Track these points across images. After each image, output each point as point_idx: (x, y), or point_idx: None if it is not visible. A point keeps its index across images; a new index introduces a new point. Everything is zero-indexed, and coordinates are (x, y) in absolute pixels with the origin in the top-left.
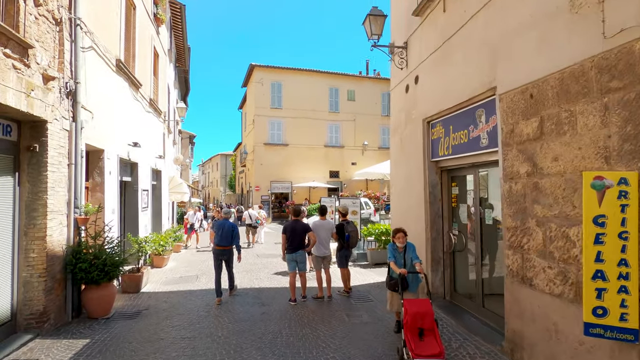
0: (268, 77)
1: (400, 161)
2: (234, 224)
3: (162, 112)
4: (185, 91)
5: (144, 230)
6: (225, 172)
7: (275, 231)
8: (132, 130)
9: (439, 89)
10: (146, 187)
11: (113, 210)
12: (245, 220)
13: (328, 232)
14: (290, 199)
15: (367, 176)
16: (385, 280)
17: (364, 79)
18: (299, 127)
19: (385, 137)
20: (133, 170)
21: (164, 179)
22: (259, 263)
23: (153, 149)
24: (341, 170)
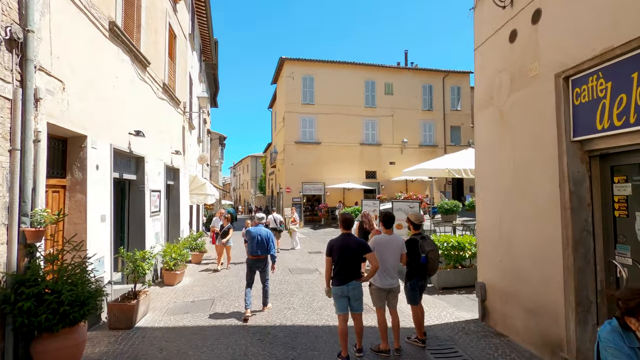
0: (299, 71)
1: (498, 146)
2: (269, 231)
3: (180, 102)
4: (214, 90)
5: (154, 240)
6: (256, 174)
7: (308, 237)
8: (135, 116)
9: (595, 16)
10: (157, 188)
11: (103, 218)
12: (269, 224)
13: (396, 253)
14: (323, 202)
15: (422, 174)
16: None
17: (402, 71)
18: (332, 124)
19: (426, 133)
20: (138, 167)
21: (183, 179)
22: (292, 282)
23: (168, 142)
24: (378, 171)
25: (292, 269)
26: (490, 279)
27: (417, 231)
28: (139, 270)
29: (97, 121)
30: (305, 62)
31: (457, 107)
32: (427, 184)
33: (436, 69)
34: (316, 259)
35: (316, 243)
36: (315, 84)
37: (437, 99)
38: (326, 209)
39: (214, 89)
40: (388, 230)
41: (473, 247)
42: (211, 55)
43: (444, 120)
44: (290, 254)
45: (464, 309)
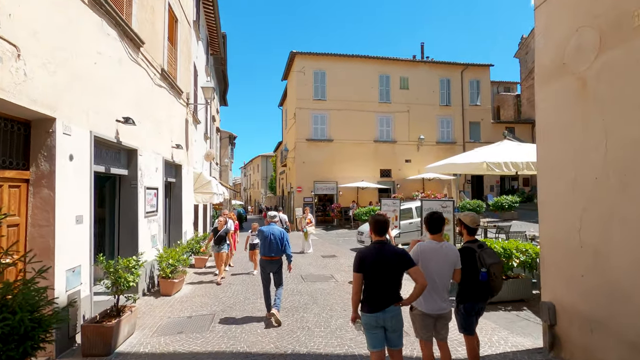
0: (310, 66)
1: (578, 125)
2: (283, 230)
3: (183, 92)
4: (223, 87)
5: (149, 244)
6: (266, 174)
7: (320, 238)
8: (126, 101)
9: None
10: (154, 185)
11: (79, 219)
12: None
13: (447, 267)
14: (336, 201)
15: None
16: None
17: (418, 64)
18: (345, 121)
19: (444, 130)
20: (130, 160)
21: (186, 176)
22: (305, 292)
23: (168, 135)
24: (393, 169)
25: (304, 276)
26: (562, 298)
27: (471, 237)
28: (121, 282)
29: (72, 102)
30: (316, 55)
31: (476, 102)
32: (445, 182)
33: (454, 62)
34: (330, 263)
35: (329, 246)
36: (327, 78)
37: (456, 93)
38: (339, 209)
39: (223, 86)
40: (436, 235)
41: (521, 254)
42: (219, 49)
43: (463, 116)
44: (302, 259)
45: (518, 332)
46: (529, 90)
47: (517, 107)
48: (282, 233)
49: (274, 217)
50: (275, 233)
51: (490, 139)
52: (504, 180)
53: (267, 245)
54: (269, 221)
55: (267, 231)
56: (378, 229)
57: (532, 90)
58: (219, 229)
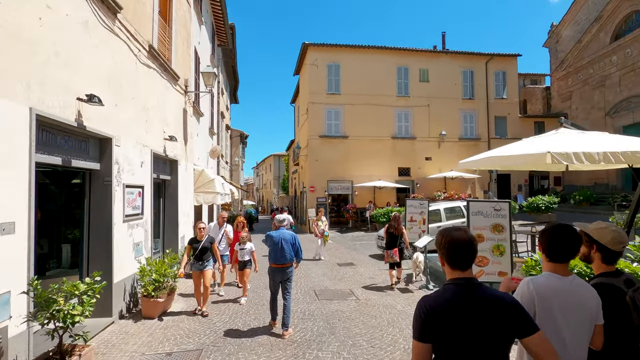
0: (323, 58)
1: None
2: (294, 234)
3: (179, 78)
4: (234, 84)
5: (131, 255)
6: (279, 174)
7: (335, 242)
8: (93, 76)
9: None
10: (138, 182)
11: (5, 228)
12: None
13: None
14: (351, 202)
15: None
16: None
17: (439, 55)
18: (361, 116)
19: (467, 125)
20: (103, 152)
21: (184, 173)
22: (319, 315)
23: (159, 125)
24: (412, 167)
25: (318, 292)
26: None
27: (610, 267)
28: (61, 317)
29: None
30: (330, 47)
31: (502, 95)
32: (469, 182)
33: (478, 52)
34: (348, 274)
35: (345, 251)
36: (342, 71)
37: (480, 86)
38: (354, 210)
39: (233, 82)
40: (560, 266)
41: None
42: (226, 40)
43: (488, 110)
44: (314, 267)
45: None
46: (560, 82)
47: (546, 100)
48: (293, 237)
49: (282, 221)
50: (286, 238)
51: (518, 135)
52: (532, 179)
53: (277, 252)
54: (277, 225)
55: (277, 236)
56: (460, 256)
57: (564, 82)
58: (200, 238)
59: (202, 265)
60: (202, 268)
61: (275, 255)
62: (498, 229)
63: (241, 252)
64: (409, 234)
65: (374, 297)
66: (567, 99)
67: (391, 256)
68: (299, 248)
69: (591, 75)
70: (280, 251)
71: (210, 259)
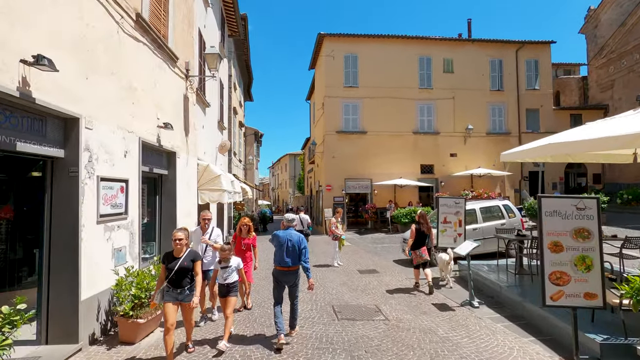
0: (340, 49)
1: None
2: (301, 235)
3: (178, 59)
4: (247, 80)
5: (110, 263)
6: (294, 173)
7: (353, 244)
8: (45, 34)
9: None
10: (121, 175)
11: None
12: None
13: None
14: (370, 201)
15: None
16: None
17: (465, 44)
18: (380, 110)
19: (495, 119)
20: (68, 135)
21: (184, 168)
22: (339, 344)
23: (151, 110)
24: (436, 164)
25: (337, 308)
26: None
27: None
28: None
29: None
30: (347, 37)
31: (534, 85)
32: (498, 180)
33: (507, 39)
34: (372, 283)
35: (366, 255)
36: (360, 63)
37: (509, 76)
38: (374, 209)
39: (247, 78)
40: None
41: None
42: (237, 30)
43: (518, 102)
44: (331, 274)
45: None
46: (599, 71)
47: (582, 91)
48: (300, 239)
49: (291, 220)
50: (293, 239)
51: (551, 129)
52: (567, 176)
53: (283, 254)
54: (286, 225)
55: (284, 237)
56: None
57: (604, 70)
58: (177, 255)
59: (182, 295)
60: (182, 299)
61: (280, 257)
62: (583, 234)
63: (223, 272)
64: (442, 237)
65: (407, 316)
66: (608, 89)
67: (420, 255)
68: (305, 251)
69: (637, 61)
70: (286, 253)
71: (193, 286)
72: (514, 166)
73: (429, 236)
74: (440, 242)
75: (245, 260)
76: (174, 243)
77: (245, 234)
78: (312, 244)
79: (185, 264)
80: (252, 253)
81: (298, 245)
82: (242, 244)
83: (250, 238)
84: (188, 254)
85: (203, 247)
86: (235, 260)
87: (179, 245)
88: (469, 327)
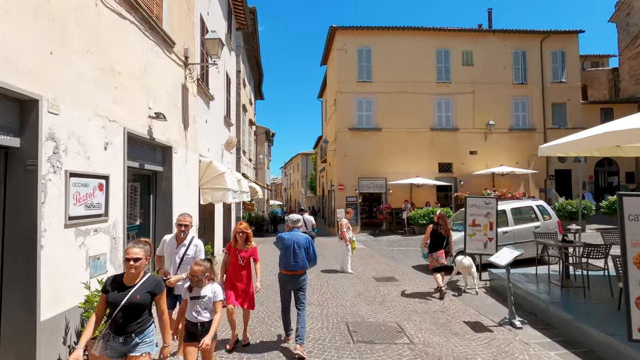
0: (353, 42)
1: None
2: (308, 237)
3: (174, 44)
4: (258, 78)
5: (84, 274)
6: (306, 173)
7: (368, 247)
8: None
9: None
10: (98, 171)
11: None
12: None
13: None
14: (385, 201)
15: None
16: None
17: (486, 35)
18: (395, 105)
19: (519, 114)
20: (24, 119)
21: (182, 164)
22: None
23: (141, 97)
24: (455, 162)
25: (352, 327)
26: None
27: None
28: None
29: None
30: (360, 30)
31: (560, 78)
32: (522, 179)
33: (531, 29)
34: (391, 294)
35: (382, 260)
36: (374, 56)
37: (533, 68)
38: (389, 210)
39: (257, 75)
40: None
41: None
42: (246, 23)
43: (543, 96)
44: (345, 282)
45: None
46: (632, 62)
47: (613, 84)
48: (307, 241)
49: (296, 221)
50: (299, 241)
51: (580, 124)
52: (597, 175)
53: (289, 257)
54: (291, 226)
55: (289, 239)
56: None
57: (637, 61)
58: (129, 282)
59: (127, 346)
60: (129, 351)
61: (286, 261)
62: None
63: (193, 304)
64: (470, 241)
65: (436, 338)
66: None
67: (436, 259)
68: (314, 254)
69: None
70: (292, 256)
71: (149, 332)
72: (538, 164)
73: (448, 240)
74: (468, 247)
75: (242, 280)
76: (126, 264)
77: (242, 245)
78: (322, 247)
79: (137, 299)
80: (250, 271)
81: (305, 247)
82: (238, 258)
83: (249, 249)
84: (145, 282)
85: (176, 261)
86: (210, 290)
87: (133, 269)
88: (514, 355)
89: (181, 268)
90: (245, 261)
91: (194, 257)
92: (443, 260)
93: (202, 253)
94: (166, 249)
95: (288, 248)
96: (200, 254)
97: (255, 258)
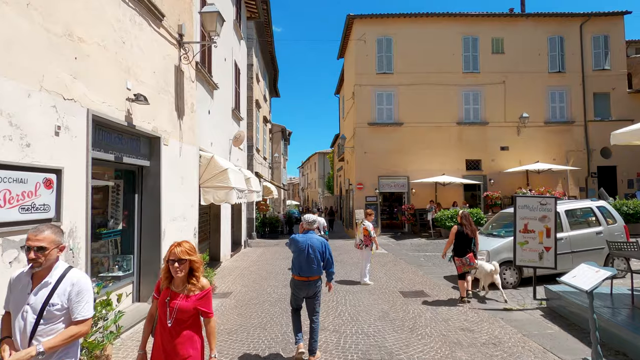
0: (372, 32)
1: None
2: (324, 240)
3: (164, 17)
4: (273, 74)
5: None
6: (323, 172)
7: (389, 251)
8: None
9: None
10: (42, 163)
11: None
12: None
13: None
14: (407, 202)
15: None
16: None
17: (517, 20)
18: (418, 98)
19: (555, 105)
20: None
21: (175, 158)
22: None
23: (118, 74)
24: (484, 159)
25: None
26: None
27: None
28: None
29: None
30: (380, 18)
31: (603, 65)
32: (559, 176)
33: (569, 12)
34: (423, 316)
35: (408, 268)
36: (394, 46)
37: (572, 55)
38: (412, 211)
39: (272, 71)
40: None
41: None
42: (257, 12)
43: (584, 86)
44: (366, 298)
45: None
46: None
47: None
48: (323, 245)
49: (312, 223)
50: (314, 245)
51: (625, 116)
52: None
53: (303, 262)
54: (305, 228)
55: (304, 242)
56: None
57: None
58: None
59: None
60: None
61: (299, 265)
62: None
63: None
64: (521, 251)
65: None
66: None
67: (467, 263)
68: (330, 258)
69: None
70: (307, 260)
71: None
72: (578, 160)
73: (474, 240)
74: (518, 258)
75: (178, 355)
76: None
77: (180, 286)
78: (339, 251)
79: None
80: (195, 338)
81: (321, 252)
82: (169, 314)
83: (194, 295)
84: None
85: (26, 318)
86: None
87: None
88: None
89: (39, 332)
90: (182, 320)
91: (69, 309)
92: (474, 264)
93: (89, 296)
94: (14, 291)
95: (302, 252)
96: (82, 298)
97: (209, 312)
